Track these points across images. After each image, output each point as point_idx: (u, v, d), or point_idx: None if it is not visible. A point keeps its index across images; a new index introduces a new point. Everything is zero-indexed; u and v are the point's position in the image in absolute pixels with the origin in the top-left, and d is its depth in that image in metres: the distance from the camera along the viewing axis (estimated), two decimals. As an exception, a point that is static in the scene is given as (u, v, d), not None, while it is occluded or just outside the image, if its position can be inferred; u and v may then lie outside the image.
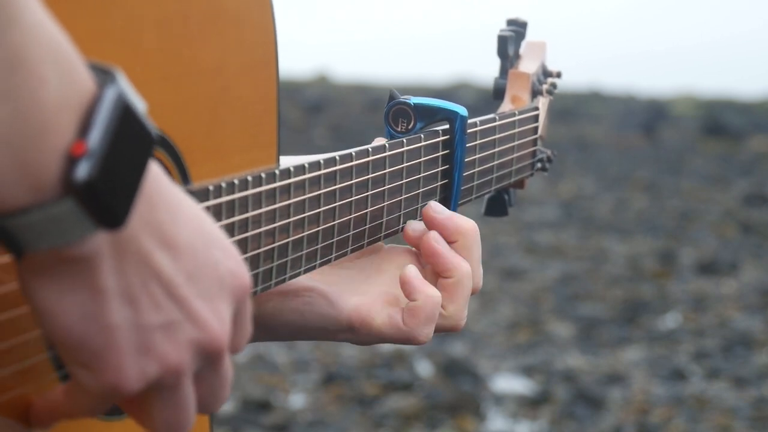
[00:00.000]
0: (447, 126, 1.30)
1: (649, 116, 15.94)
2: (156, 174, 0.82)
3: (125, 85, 0.79)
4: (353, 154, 1.17)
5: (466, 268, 1.22)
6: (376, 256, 1.27)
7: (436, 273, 1.24)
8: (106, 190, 0.76)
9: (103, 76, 0.79)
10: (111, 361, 0.81)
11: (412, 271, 1.20)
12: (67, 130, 0.76)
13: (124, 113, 0.78)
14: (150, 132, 0.79)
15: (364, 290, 1.23)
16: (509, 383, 5.27)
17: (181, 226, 0.83)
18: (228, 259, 0.87)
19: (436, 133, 1.29)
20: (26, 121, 0.74)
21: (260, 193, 1.04)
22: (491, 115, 1.43)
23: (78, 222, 0.76)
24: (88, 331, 0.80)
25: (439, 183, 1.31)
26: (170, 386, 0.85)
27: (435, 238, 1.23)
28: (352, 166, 1.17)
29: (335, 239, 1.17)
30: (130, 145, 0.78)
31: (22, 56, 0.74)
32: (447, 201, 1.33)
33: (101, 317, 0.80)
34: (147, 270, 0.81)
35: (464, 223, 1.24)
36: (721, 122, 14.98)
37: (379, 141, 1.25)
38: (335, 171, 1.14)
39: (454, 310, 1.22)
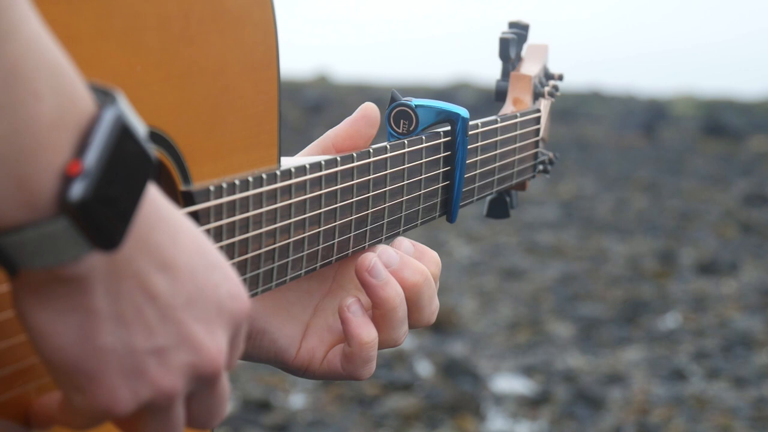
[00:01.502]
0: (448, 127, 1.30)
1: (649, 116, 15.94)
2: (156, 196, 0.81)
3: (125, 107, 0.78)
4: (354, 155, 1.17)
5: (395, 299, 1.17)
6: (342, 263, 1.23)
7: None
8: (101, 211, 0.75)
9: (103, 96, 0.78)
10: (103, 384, 0.80)
11: (350, 309, 1.17)
12: (63, 148, 0.75)
13: (123, 135, 0.77)
14: (149, 155, 0.78)
15: (315, 322, 1.21)
16: (509, 383, 5.27)
17: (181, 249, 0.82)
18: (228, 282, 0.86)
19: (437, 135, 1.29)
20: (21, 137, 0.73)
21: (261, 193, 1.04)
22: (493, 117, 1.42)
23: (72, 242, 0.75)
24: (80, 354, 0.79)
25: (441, 184, 1.31)
26: (162, 408, 0.85)
27: (368, 269, 1.17)
28: (353, 167, 1.16)
29: (336, 240, 1.16)
30: (128, 167, 0.77)
31: (17, 71, 0.73)
32: (448, 202, 1.33)
33: (94, 339, 0.79)
34: (142, 293, 0.80)
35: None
36: (721, 122, 14.99)
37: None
38: (336, 172, 1.14)
39: (385, 338, 1.19)
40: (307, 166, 1.10)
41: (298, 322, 1.21)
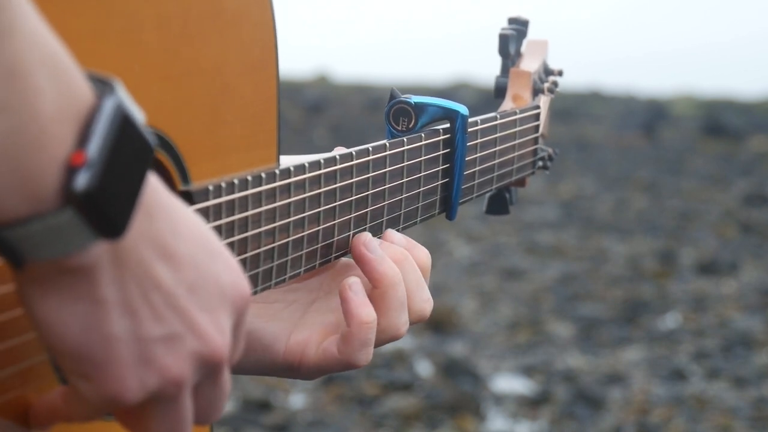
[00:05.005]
0: (448, 125, 1.30)
1: (649, 116, 15.95)
2: (155, 185, 0.81)
3: (124, 96, 0.78)
4: (353, 153, 1.17)
5: (393, 276, 1.16)
6: (327, 274, 1.22)
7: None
8: (106, 200, 0.76)
9: (102, 86, 0.78)
10: (112, 372, 0.80)
11: (352, 288, 1.14)
12: (65, 140, 0.75)
13: (123, 123, 0.77)
14: (149, 142, 0.79)
15: (306, 320, 1.19)
16: (509, 383, 5.27)
17: (182, 238, 0.83)
18: (229, 271, 0.86)
19: (436, 132, 1.29)
20: (24, 131, 0.73)
21: (260, 192, 1.04)
22: (492, 114, 1.43)
23: (78, 232, 0.76)
24: (88, 343, 0.79)
25: (440, 182, 1.31)
26: (170, 398, 0.85)
27: (364, 243, 1.17)
28: (352, 165, 1.17)
29: (336, 239, 1.16)
30: (129, 155, 0.78)
31: (18, 66, 0.73)
32: (448, 199, 1.33)
33: (102, 328, 0.79)
34: (147, 281, 0.81)
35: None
36: (721, 122, 15.00)
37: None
38: (335, 170, 1.14)
39: (386, 323, 1.17)
40: (306, 165, 1.10)
41: (285, 322, 1.19)
